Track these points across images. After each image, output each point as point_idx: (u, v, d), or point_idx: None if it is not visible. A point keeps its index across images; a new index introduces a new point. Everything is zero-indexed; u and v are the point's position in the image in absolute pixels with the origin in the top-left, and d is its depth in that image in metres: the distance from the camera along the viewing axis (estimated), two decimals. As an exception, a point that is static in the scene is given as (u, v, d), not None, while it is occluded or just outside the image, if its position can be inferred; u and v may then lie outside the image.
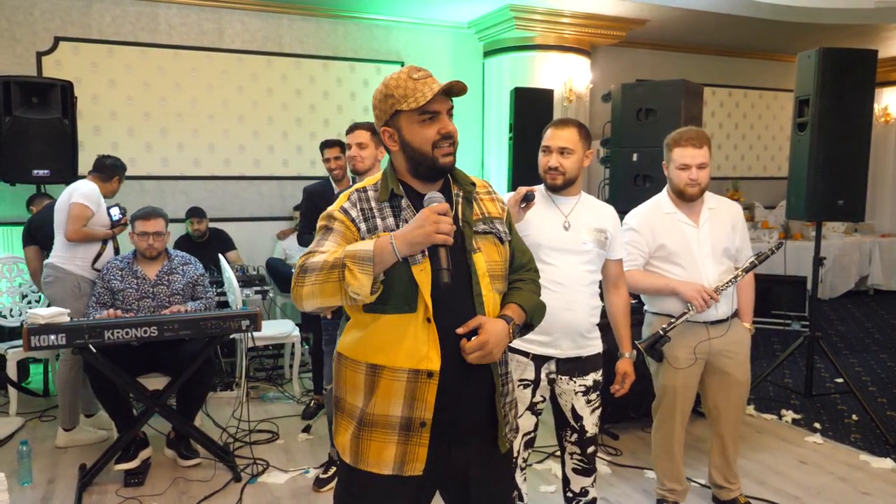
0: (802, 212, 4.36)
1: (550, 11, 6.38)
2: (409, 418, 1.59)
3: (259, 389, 4.93)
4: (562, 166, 2.38)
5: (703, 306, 2.70)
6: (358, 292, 1.48)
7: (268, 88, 6.21)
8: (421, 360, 1.57)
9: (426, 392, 1.58)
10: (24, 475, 3.37)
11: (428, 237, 1.50)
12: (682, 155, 2.78)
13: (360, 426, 1.63)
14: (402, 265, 1.56)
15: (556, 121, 2.49)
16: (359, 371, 1.63)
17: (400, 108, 1.62)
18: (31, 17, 5.43)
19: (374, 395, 1.61)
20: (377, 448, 1.61)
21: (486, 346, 1.57)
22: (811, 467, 3.61)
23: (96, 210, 3.89)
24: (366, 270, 1.48)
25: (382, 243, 1.51)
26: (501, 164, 6.52)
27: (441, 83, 1.61)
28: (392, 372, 1.59)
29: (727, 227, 2.86)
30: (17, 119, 4.75)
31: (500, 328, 1.61)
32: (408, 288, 1.57)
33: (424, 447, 1.60)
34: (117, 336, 3.18)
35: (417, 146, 1.63)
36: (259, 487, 3.38)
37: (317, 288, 1.52)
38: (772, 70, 8.81)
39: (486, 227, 1.71)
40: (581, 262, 2.39)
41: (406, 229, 1.53)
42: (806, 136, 4.28)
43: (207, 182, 6.09)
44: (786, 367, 5.27)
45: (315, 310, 1.60)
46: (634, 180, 4.56)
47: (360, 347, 1.64)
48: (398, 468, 1.61)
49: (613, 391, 2.60)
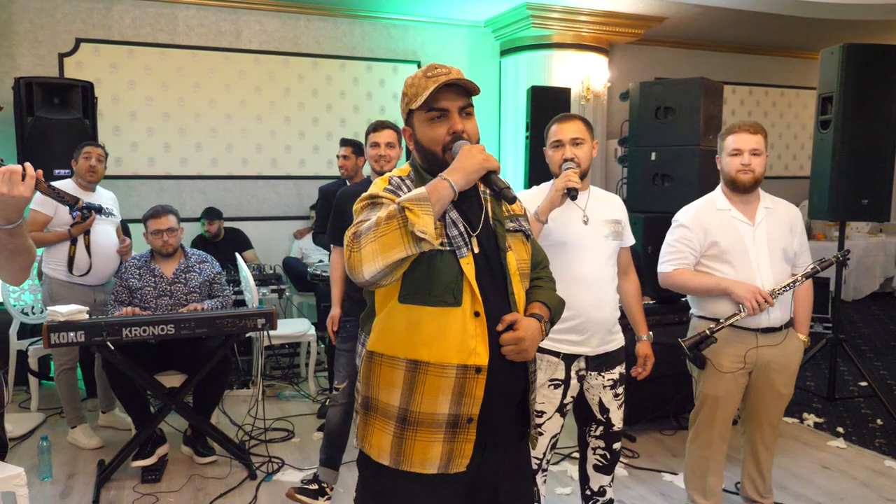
0: (825, 212, 4.29)
1: (568, 10, 6.33)
2: (456, 415, 1.55)
3: (275, 388, 4.95)
4: (577, 157, 2.37)
5: (755, 309, 2.50)
6: (424, 230, 1.40)
7: (285, 88, 6.24)
8: (469, 354, 1.54)
9: (475, 387, 1.55)
10: (44, 470, 3.42)
11: (481, 164, 1.51)
12: (734, 140, 2.62)
13: (404, 425, 1.57)
14: (449, 257, 1.55)
15: (559, 116, 2.48)
16: (397, 367, 1.58)
17: (411, 106, 1.61)
18: (53, 19, 5.49)
19: (415, 392, 1.56)
20: (422, 447, 1.57)
21: (522, 342, 1.56)
22: (834, 472, 3.54)
23: (53, 212, 3.73)
24: (426, 209, 1.42)
25: (435, 183, 1.49)
26: (518, 164, 6.48)
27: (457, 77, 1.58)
28: (439, 368, 1.54)
29: (785, 227, 2.67)
30: (39, 119, 4.80)
31: (534, 327, 1.60)
32: (454, 280, 1.55)
33: (471, 443, 1.57)
34: (135, 334, 3.20)
35: (427, 146, 1.62)
36: (274, 485, 3.39)
37: (377, 243, 1.41)
38: (793, 67, 8.69)
39: (514, 224, 1.71)
40: (605, 256, 2.40)
41: (457, 164, 1.52)
42: (829, 134, 4.21)
43: (225, 181, 6.13)
44: (808, 369, 5.18)
45: (376, 274, 1.44)
46: (653, 179, 4.50)
47: (398, 343, 1.59)
48: (444, 466, 1.57)
49: (635, 374, 2.58)
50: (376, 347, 1.63)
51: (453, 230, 1.58)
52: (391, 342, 1.60)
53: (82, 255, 3.74)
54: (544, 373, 2.35)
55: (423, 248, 1.43)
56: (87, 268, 3.75)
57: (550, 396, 2.36)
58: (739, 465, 3.51)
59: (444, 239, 1.56)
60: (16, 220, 1.71)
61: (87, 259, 3.74)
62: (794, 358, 2.71)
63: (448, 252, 1.55)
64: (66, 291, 3.76)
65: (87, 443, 3.83)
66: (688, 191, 4.03)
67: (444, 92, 1.58)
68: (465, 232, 1.59)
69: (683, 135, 4.38)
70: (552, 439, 2.41)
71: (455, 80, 1.57)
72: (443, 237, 1.56)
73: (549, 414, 2.36)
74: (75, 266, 3.73)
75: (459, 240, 1.57)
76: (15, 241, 1.74)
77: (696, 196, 2.86)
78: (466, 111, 1.62)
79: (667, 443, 3.92)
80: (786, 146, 8.91)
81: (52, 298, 3.76)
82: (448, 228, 1.57)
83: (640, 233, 4.01)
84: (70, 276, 3.75)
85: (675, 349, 2.68)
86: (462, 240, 1.58)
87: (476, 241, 1.61)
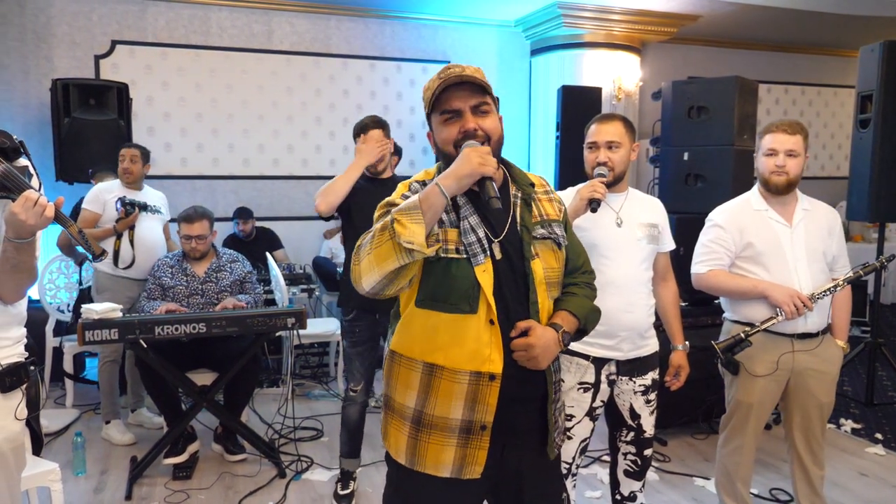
0: (864, 213, 4.19)
1: (599, 8, 6.27)
2: (469, 421, 1.56)
3: (304, 387, 4.98)
4: (611, 161, 2.33)
5: (793, 313, 2.41)
6: (411, 240, 1.39)
7: (316, 89, 6.28)
8: (483, 362, 1.54)
9: (488, 395, 1.54)
10: (79, 465, 3.48)
11: (474, 170, 1.47)
12: (770, 140, 2.53)
13: (418, 427, 1.59)
14: (465, 264, 1.53)
15: (600, 116, 2.43)
16: (414, 369, 1.60)
17: (427, 110, 1.62)
18: (89, 21, 5.60)
19: (430, 395, 1.57)
20: (435, 450, 1.58)
21: (531, 349, 1.54)
22: (872, 480, 3.45)
23: (102, 210, 3.93)
24: (415, 218, 1.42)
25: (427, 190, 1.47)
26: (548, 163, 6.44)
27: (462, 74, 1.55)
28: (452, 373, 1.55)
29: (823, 229, 2.58)
30: (75, 120, 4.90)
31: (549, 336, 1.57)
32: (470, 288, 1.53)
33: (484, 450, 1.57)
34: (167, 332, 3.24)
35: (441, 146, 1.61)
36: (303, 484, 3.41)
37: (372, 255, 1.44)
38: (830, 65, 8.49)
39: (544, 231, 1.66)
40: (637, 259, 2.35)
41: (451, 168, 1.49)
42: (868, 134, 4.11)
43: (256, 181, 6.19)
44: (846, 374, 5.05)
45: (375, 285, 1.48)
46: (685, 180, 4.44)
47: (416, 345, 1.60)
48: (457, 471, 1.57)
49: (668, 384, 2.53)
50: (397, 347, 1.65)
51: (470, 237, 1.55)
52: (410, 344, 1.62)
53: (126, 249, 3.90)
54: (573, 376, 2.31)
55: (416, 258, 1.43)
56: (131, 261, 3.90)
57: (580, 400, 2.32)
58: (775, 471, 3.45)
59: (461, 246, 1.55)
60: (25, 237, 1.76)
61: (130, 253, 3.90)
62: (832, 365, 2.60)
63: (464, 259, 1.54)
64: (111, 283, 3.93)
65: (120, 438, 3.89)
66: (721, 191, 3.97)
67: (454, 92, 1.56)
68: (484, 238, 1.57)
69: (717, 134, 4.31)
70: (582, 443, 2.37)
71: (458, 77, 1.54)
72: (459, 245, 1.55)
73: (579, 418, 2.33)
74: (120, 259, 3.89)
75: (476, 247, 1.55)
76: (20, 256, 1.78)
77: (730, 197, 2.79)
78: (482, 109, 1.58)
79: (699, 447, 3.85)
80: (822, 146, 8.71)
81: (98, 291, 3.98)
82: (464, 235, 1.56)
83: (671, 234, 3.95)
84: (115, 270, 3.91)
85: (708, 352, 2.61)
86: (479, 246, 1.55)
87: (499, 247, 1.58)
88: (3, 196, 1.75)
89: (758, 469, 3.45)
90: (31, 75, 5.45)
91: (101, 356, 3.99)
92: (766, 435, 3.37)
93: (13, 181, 1.73)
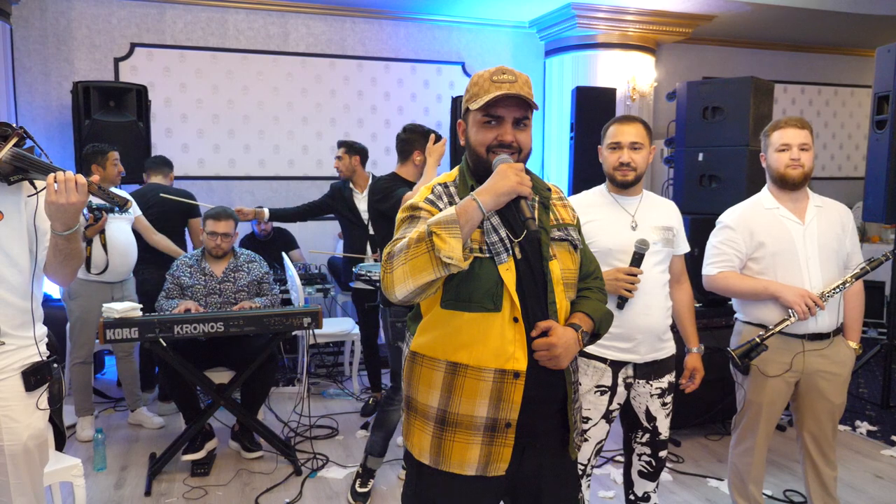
0: (881, 214, 4.16)
1: (614, 9, 6.27)
2: (494, 419, 1.58)
3: (320, 386, 5.03)
4: (633, 161, 2.34)
5: (805, 314, 2.40)
6: (451, 255, 1.41)
7: (331, 90, 6.32)
8: (508, 359, 1.56)
9: (512, 392, 1.56)
10: (99, 461, 3.55)
11: (513, 188, 1.49)
12: (781, 136, 2.54)
13: (443, 426, 1.61)
14: (489, 263, 1.56)
15: (620, 117, 2.44)
16: (437, 369, 1.61)
17: (470, 105, 1.63)
18: (109, 24, 5.68)
19: (454, 394, 1.59)
20: (460, 449, 1.59)
21: (553, 349, 1.56)
22: (888, 482, 3.43)
23: None
24: (453, 233, 1.43)
25: (465, 204, 1.49)
26: (562, 164, 6.45)
27: (520, 92, 1.58)
28: (477, 371, 1.57)
29: (836, 226, 2.56)
30: (95, 122, 4.97)
31: (569, 336, 1.60)
32: (494, 286, 1.56)
33: (509, 447, 1.59)
34: (186, 331, 3.29)
35: (474, 146, 1.64)
36: (319, 482, 3.45)
37: (407, 266, 1.45)
38: (847, 65, 8.42)
39: (561, 233, 1.70)
40: (653, 262, 2.34)
41: (488, 184, 1.51)
42: (885, 134, 4.09)
43: (272, 182, 6.24)
44: (861, 376, 5.03)
45: (408, 294, 1.50)
46: (700, 181, 4.43)
47: (438, 345, 1.62)
48: (482, 469, 1.59)
49: (683, 387, 2.53)
50: (419, 348, 1.66)
51: (493, 236, 1.58)
52: (432, 344, 1.63)
53: (99, 254, 3.80)
54: (590, 379, 2.33)
55: (453, 271, 1.45)
56: (105, 265, 3.81)
57: (596, 403, 2.34)
58: (788, 473, 3.44)
59: (484, 245, 1.57)
60: (73, 225, 1.80)
61: (103, 257, 3.80)
62: (843, 367, 2.58)
63: (487, 259, 1.56)
64: (84, 288, 3.86)
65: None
66: (736, 192, 3.96)
67: (504, 99, 1.59)
68: (506, 238, 1.59)
69: (732, 135, 4.30)
70: (597, 445, 2.38)
71: (516, 94, 1.58)
72: (482, 244, 1.57)
73: (595, 420, 2.34)
74: (93, 265, 3.79)
75: (499, 245, 1.58)
76: (70, 245, 1.84)
77: (745, 198, 2.78)
78: (523, 122, 1.62)
79: (712, 448, 3.85)
80: (839, 146, 8.65)
81: (71, 296, 3.92)
82: (487, 235, 1.58)
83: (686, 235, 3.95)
84: (87, 275, 3.81)
85: (722, 353, 2.62)
86: (502, 245, 1.58)
87: (518, 248, 1.61)
88: (21, 178, 1.81)
89: (771, 470, 3.45)
90: (52, 78, 5.53)
91: (118, 353, 4.12)
92: (779, 436, 3.36)
93: (25, 160, 1.79)
